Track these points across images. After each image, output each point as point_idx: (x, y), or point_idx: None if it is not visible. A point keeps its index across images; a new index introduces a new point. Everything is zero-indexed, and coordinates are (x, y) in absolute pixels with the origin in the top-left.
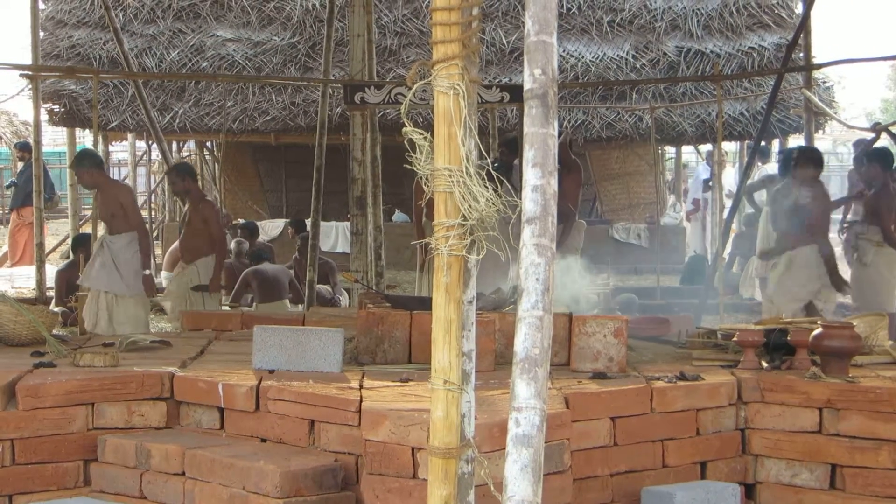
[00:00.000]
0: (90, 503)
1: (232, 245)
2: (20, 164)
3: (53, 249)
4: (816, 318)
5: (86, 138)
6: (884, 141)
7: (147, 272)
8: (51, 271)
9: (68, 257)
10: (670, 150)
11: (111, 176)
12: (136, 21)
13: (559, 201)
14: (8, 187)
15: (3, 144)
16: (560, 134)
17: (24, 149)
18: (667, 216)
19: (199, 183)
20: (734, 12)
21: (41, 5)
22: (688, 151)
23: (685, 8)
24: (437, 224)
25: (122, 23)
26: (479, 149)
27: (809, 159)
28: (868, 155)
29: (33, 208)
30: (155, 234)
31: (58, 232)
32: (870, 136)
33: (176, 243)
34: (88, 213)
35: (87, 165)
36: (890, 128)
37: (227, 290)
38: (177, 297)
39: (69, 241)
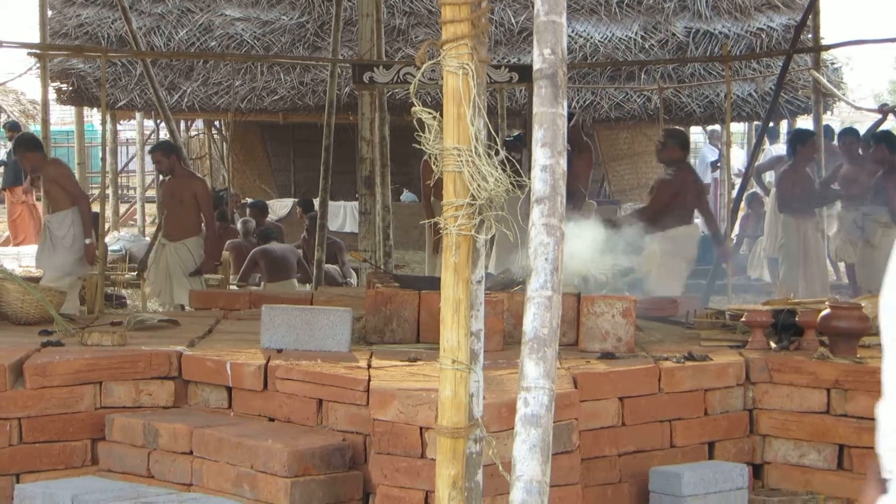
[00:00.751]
0: (98, 482)
1: (239, 224)
2: (9, 144)
3: None
4: (827, 298)
5: (94, 117)
6: (889, 123)
7: (88, 241)
8: None
9: None
10: None
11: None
12: (144, 1)
13: (569, 182)
14: (1, 164)
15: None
16: (571, 115)
17: (13, 129)
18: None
19: (208, 162)
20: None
21: None
22: (696, 132)
23: None
24: (446, 204)
25: (131, 1)
26: (487, 129)
27: (675, 140)
28: (875, 136)
29: (27, 189)
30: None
31: None
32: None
33: None
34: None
35: (24, 150)
36: None
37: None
38: (158, 272)
39: None
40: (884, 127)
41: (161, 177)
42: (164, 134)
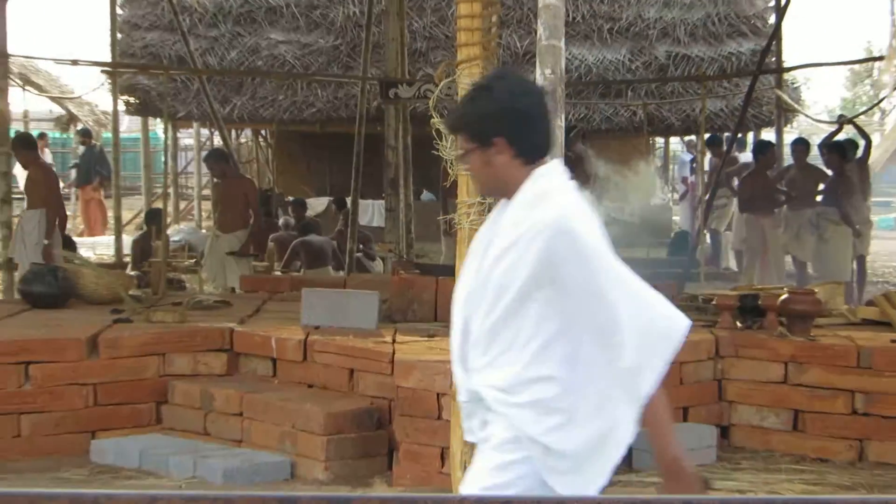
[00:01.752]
0: (161, 439)
1: (281, 221)
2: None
3: (129, 222)
4: (786, 285)
5: (157, 126)
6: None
7: (45, 242)
8: (127, 241)
9: (142, 228)
10: (660, 141)
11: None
12: (200, 25)
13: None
14: (72, 167)
15: (72, 131)
16: (572, 129)
17: (85, 135)
18: (656, 198)
19: (255, 166)
20: (716, 22)
21: (119, 11)
22: (675, 142)
23: (674, 18)
24: (460, 202)
25: (189, 26)
26: None
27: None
28: (828, 146)
29: (96, 186)
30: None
31: (132, 206)
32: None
33: None
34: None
35: (19, 147)
36: (854, 120)
37: (257, 256)
38: (213, 259)
39: (143, 214)
40: (839, 137)
41: (215, 178)
42: (217, 141)
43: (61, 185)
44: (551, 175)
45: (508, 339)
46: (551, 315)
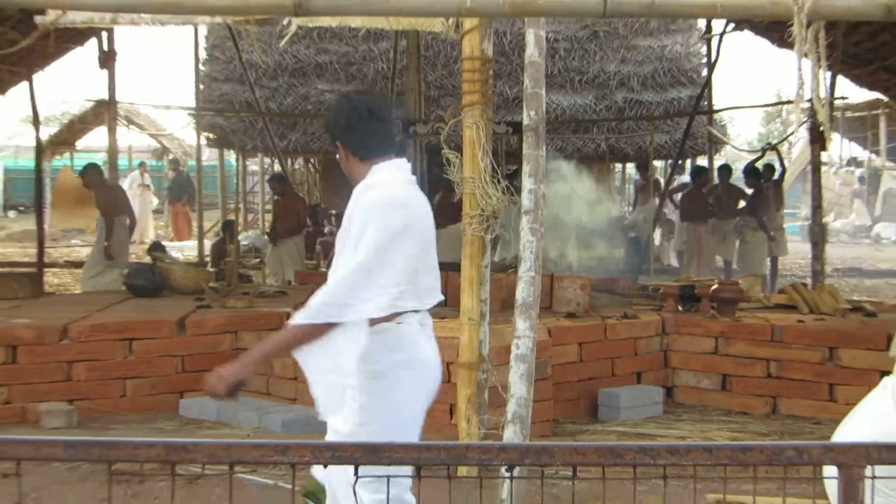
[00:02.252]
0: (234, 403)
1: (326, 229)
2: (171, 174)
3: (209, 230)
4: (714, 278)
5: (230, 156)
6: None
7: (105, 243)
8: (207, 245)
9: (219, 235)
10: (618, 167)
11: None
12: (263, 78)
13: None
14: (168, 187)
15: (165, 160)
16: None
17: (175, 163)
18: (615, 210)
19: (305, 187)
20: (661, 74)
21: (202, 67)
22: (630, 167)
23: (629, 71)
24: (464, 214)
25: (255, 79)
26: (492, 165)
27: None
28: (748, 171)
29: (184, 203)
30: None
31: (211, 218)
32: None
33: None
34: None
35: (90, 172)
36: (777, 148)
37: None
38: (274, 259)
39: (219, 224)
40: (762, 161)
41: (275, 196)
42: (276, 167)
43: (156, 201)
44: (385, 171)
45: None
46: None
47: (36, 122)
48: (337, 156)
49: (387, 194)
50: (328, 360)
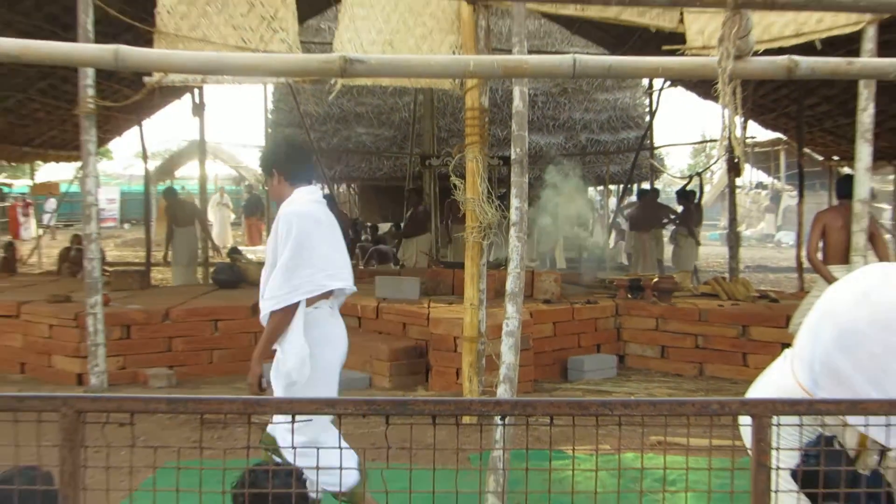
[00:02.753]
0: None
1: (363, 237)
2: (246, 195)
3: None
4: (655, 273)
5: None
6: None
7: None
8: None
9: None
10: None
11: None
12: (316, 123)
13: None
14: (244, 205)
15: (241, 185)
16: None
17: (249, 188)
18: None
19: (347, 206)
20: (615, 120)
21: (269, 116)
22: (592, 190)
23: (591, 118)
24: (468, 226)
25: (309, 124)
26: (488, 188)
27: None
28: (679, 193)
29: (257, 217)
30: None
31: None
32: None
33: None
34: None
35: (169, 194)
36: (700, 175)
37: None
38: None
39: None
40: (691, 186)
41: None
42: (326, 191)
43: (233, 216)
44: (302, 193)
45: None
46: None
47: (144, 156)
48: (266, 181)
49: (300, 208)
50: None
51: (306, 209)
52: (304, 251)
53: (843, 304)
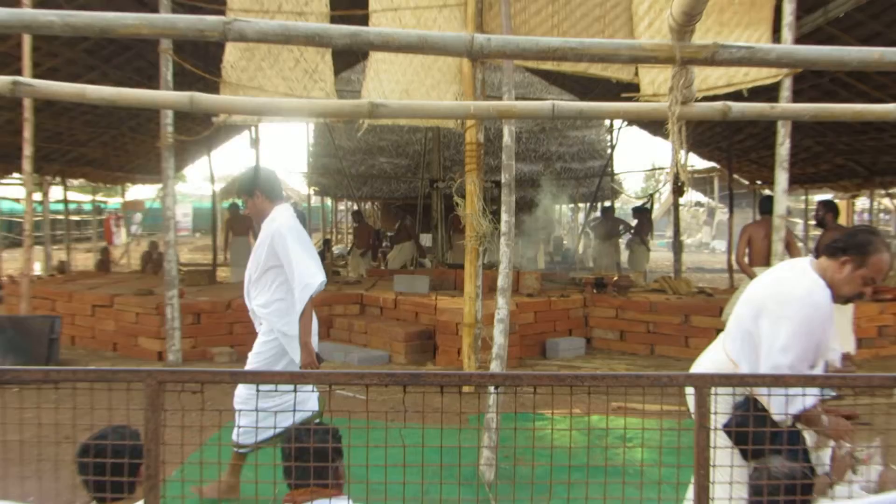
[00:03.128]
0: (329, 344)
1: (385, 244)
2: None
3: (316, 244)
4: (617, 271)
5: (328, 201)
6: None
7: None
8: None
9: (321, 248)
10: (557, 208)
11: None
12: (347, 154)
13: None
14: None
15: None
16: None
17: (294, 205)
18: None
19: (371, 219)
20: (583, 152)
21: (310, 149)
22: (565, 208)
23: (564, 150)
24: (467, 235)
25: (342, 154)
26: (483, 205)
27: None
28: (636, 209)
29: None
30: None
31: (315, 238)
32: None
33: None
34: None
35: (230, 208)
36: (652, 196)
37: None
38: (355, 261)
39: (321, 241)
40: (646, 203)
41: (354, 224)
42: (354, 207)
43: None
44: (281, 209)
45: (264, 283)
46: (279, 272)
47: (212, 179)
48: (245, 202)
49: (291, 223)
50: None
51: (294, 223)
52: (304, 253)
53: (758, 288)
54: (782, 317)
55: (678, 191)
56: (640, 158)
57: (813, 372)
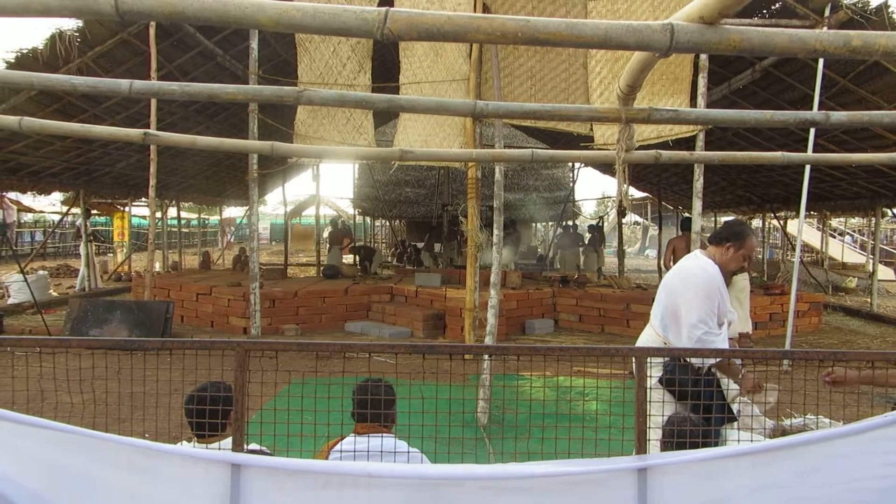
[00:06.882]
0: (367, 324)
1: (408, 251)
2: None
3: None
4: (577, 271)
5: (366, 220)
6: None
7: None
8: (350, 258)
9: (359, 253)
10: (534, 225)
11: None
12: (381, 185)
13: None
14: (330, 232)
15: (339, 220)
16: (514, 221)
17: (334, 222)
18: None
19: (401, 232)
20: (552, 184)
21: (354, 180)
22: (539, 225)
23: (539, 182)
24: (469, 244)
25: (379, 184)
26: (479, 223)
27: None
28: (591, 227)
29: (347, 241)
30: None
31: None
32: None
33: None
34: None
35: (331, 225)
36: (602, 217)
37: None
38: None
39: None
40: (598, 222)
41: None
42: (386, 224)
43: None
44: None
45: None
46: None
47: (284, 203)
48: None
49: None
50: None
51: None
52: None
53: (669, 277)
54: (688, 289)
55: (622, 213)
56: (593, 189)
57: (721, 330)
